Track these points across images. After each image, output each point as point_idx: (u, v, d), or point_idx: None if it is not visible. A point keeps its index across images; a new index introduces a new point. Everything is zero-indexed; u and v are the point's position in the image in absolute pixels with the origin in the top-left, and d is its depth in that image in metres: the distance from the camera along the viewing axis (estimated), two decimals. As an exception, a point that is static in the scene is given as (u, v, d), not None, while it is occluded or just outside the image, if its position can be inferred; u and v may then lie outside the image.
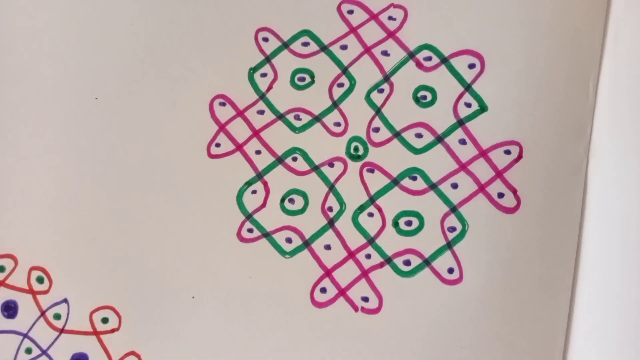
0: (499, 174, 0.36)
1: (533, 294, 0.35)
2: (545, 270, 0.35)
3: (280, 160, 0.37)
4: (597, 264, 0.35)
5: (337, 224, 0.36)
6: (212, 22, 0.37)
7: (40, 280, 0.37)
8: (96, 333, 0.36)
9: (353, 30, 0.37)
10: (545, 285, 0.35)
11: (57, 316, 0.36)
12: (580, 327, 0.35)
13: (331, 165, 0.37)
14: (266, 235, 0.36)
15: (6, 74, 0.37)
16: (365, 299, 0.36)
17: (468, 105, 0.36)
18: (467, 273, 0.35)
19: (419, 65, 0.36)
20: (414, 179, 0.36)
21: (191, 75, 0.37)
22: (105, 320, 0.36)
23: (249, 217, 0.37)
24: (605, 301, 0.34)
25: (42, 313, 0.37)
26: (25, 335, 0.36)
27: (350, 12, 0.37)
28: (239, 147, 0.37)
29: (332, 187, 0.36)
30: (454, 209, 0.36)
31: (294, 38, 0.37)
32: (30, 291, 0.37)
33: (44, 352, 0.36)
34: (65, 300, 0.37)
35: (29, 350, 0.36)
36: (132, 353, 0.36)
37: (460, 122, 0.36)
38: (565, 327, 0.35)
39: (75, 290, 0.37)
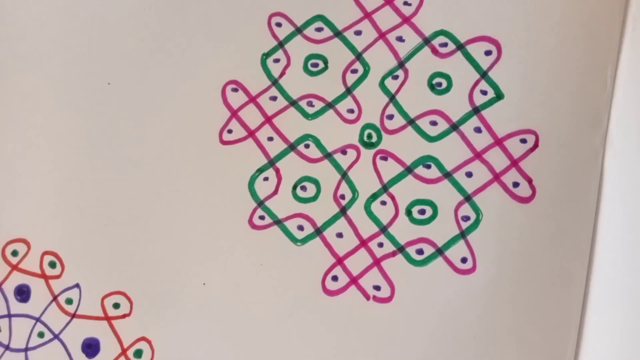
0: (515, 163, 0.35)
1: (546, 285, 0.35)
2: (559, 261, 0.35)
3: (292, 147, 0.36)
4: (612, 256, 0.34)
5: (349, 212, 0.36)
6: (224, 7, 0.36)
7: (52, 265, 0.37)
8: (107, 318, 0.36)
9: (367, 15, 0.36)
10: (559, 277, 0.35)
11: (69, 301, 0.37)
12: (593, 320, 0.34)
13: (344, 152, 0.36)
14: (278, 222, 0.36)
15: (18, 61, 0.37)
16: (377, 288, 0.36)
17: (484, 92, 0.35)
18: (480, 263, 0.35)
19: (434, 51, 0.36)
20: (428, 167, 0.36)
21: (203, 61, 0.36)
22: (116, 306, 0.36)
23: (260, 204, 0.36)
24: (620, 294, 0.34)
25: (55, 298, 0.37)
26: (38, 319, 0.37)
27: (365, -4, 0.36)
28: (251, 134, 0.37)
29: (344, 175, 0.36)
30: (468, 198, 0.35)
31: (308, 23, 0.36)
32: (43, 276, 0.37)
33: (56, 336, 0.37)
34: (77, 285, 0.37)
35: (41, 334, 0.37)
36: (143, 338, 0.36)
37: (476, 110, 0.36)
38: (578, 320, 0.35)
39: (87, 275, 0.37)
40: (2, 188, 0.37)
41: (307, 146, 0.36)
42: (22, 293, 0.37)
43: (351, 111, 0.36)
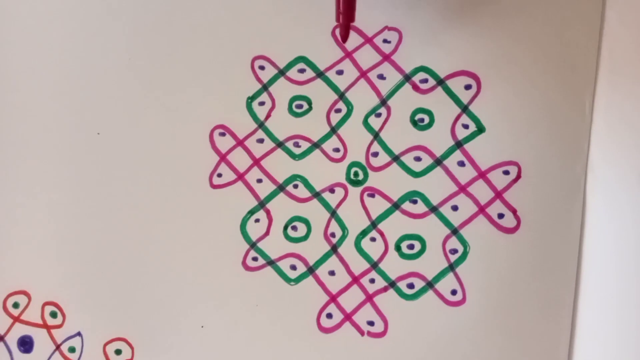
0: (499, 195, 0.36)
1: (535, 312, 0.36)
2: (547, 289, 0.36)
3: (281, 187, 0.37)
4: (598, 282, 0.35)
5: (340, 250, 0.37)
6: (208, 53, 0.37)
7: (53, 314, 0.38)
8: (110, 364, 0.37)
9: (348, 54, 0.37)
10: (547, 304, 0.36)
11: (72, 349, 0.38)
12: (582, 346, 0.35)
13: (332, 191, 0.37)
14: (271, 263, 0.37)
15: (10, 111, 0.37)
16: (371, 323, 0.37)
17: (465, 126, 0.36)
18: (470, 294, 0.36)
19: (415, 87, 0.37)
20: (415, 202, 0.37)
21: (190, 107, 0.37)
22: (118, 352, 0.37)
23: (253, 245, 0.37)
24: (607, 319, 0.35)
25: (57, 347, 0.38)
26: (42, 368, 0.38)
27: (345, 36, 0.37)
28: (241, 177, 0.37)
29: (333, 213, 0.37)
30: (455, 231, 0.36)
31: (290, 65, 0.37)
32: (45, 326, 0.38)
33: (61, 384, 0.38)
34: (79, 334, 0.38)
35: (46, 383, 0.38)
36: (146, 382, 0.37)
37: (459, 144, 0.36)
38: (567, 345, 0.36)
39: (88, 323, 0.38)
40: (1, 241, 0.38)
41: (295, 186, 0.37)
42: (25, 344, 0.38)
43: (337, 150, 0.37)
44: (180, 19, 0.37)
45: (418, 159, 0.36)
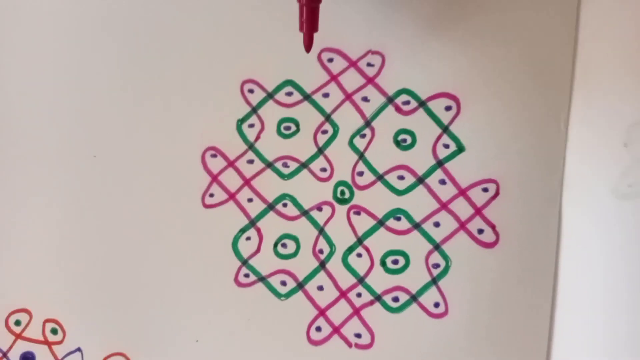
0: (478, 211, 0.38)
1: (514, 322, 0.37)
2: (525, 299, 0.37)
3: (271, 206, 0.39)
4: (573, 291, 0.37)
5: (328, 266, 0.39)
6: (199, 77, 0.38)
7: (54, 331, 0.39)
8: (109, 378, 0.39)
9: (334, 78, 0.39)
10: (526, 314, 0.37)
11: (73, 364, 0.39)
12: (560, 354, 0.37)
13: (320, 209, 0.39)
14: (262, 279, 0.39)
15: (7, 134, 0.39)
16: (358, 335, 0.38)
17: (446, 146, 0.38)
18: (452, 306, 0.38)
19: (398, 109, 0.38)
20: (398, 219, 0.38)
21: (182, 129, 0.39)
22: (117, 366, 0.39)
23: (244, 262, 0.39)
24: (583, 328, 0.36)
25: (58, 362, 0.39)
26: (44, 383, 0.39)
27: (330, 60, 0.38)
28: (232, 197, 0.39)
29: (321, 231, 0.39)
30: (437, 247, 0.38)
31: (278, 88, 0.39)
32: (46, 342, 0.39)
33: (62, 397, 0.39)
34: (79, 349, 0.39)
35: (48, 397, 0.39)
36: (144, 395, 0.39)
37: (440, 163, 0.38)
38: (545, 354, 0.37)
39: (88, 339, 0.39)
40: (2, 260, 0.39)
41: (285, 205, 0.39)
42: (28, 360, 0.39)
43: (324, 170, 0.39)
44: (171, 45, 0.38)
45: (401, 177, 0.38)
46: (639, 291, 0.36)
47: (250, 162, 0.39)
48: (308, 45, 0.33)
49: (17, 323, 0.39)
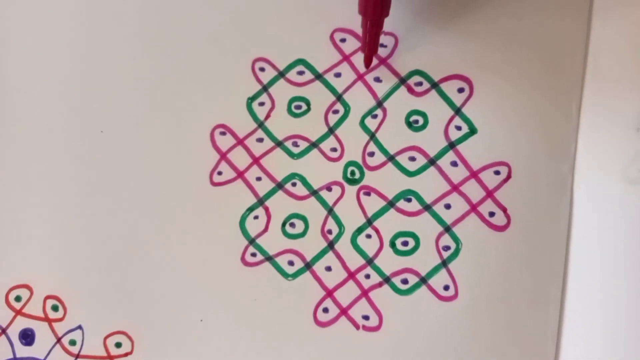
0: (490, 194, 0.37)
1: (524, 306, 0.37)
2: (535, 284, 0.37)
3: (280, 186, 0.38)
4: (584, 277, 0.37)
5: (336, 246, 0.38)
6: (210, 55, 0.38)
7: (55, 308, 0.38)
8: (110, 357, 0.38)
9: (346, 58, 0.38)
10: (535, 298, 0.37)
11: (73, 342, 0.38)
12: (569, 338, 0.37)
13: (329, 189, 0.38)
14: (269, 259, 0.38)
15: (16, 112, 0.38)
16: (366, 318, 0.38)
17: (458, 128, 0.38)
18: (462, 290, 0.37)
19: (410, 90, 0.38)
20: (409, 200, 0.38)
21: (192, 107, 0.38)
22: (118, 345, 0.38)
23: (252, 241, 0.38)
24: (593, 312, 0.36)
25: (58, 340, 0.38)
26: (43, 361, 0.38)
27: (343, 40, 0.38)
28: (240, 175, 0.38)
29: (330, 211, 0.38)
30: (447, 229, 0.38)
31: (290, 67, 0.38)
32: (46, 319, 0.38)
33: (62, 376, 0.38)
34: (79, 327, 0.38)
35: (47, 376, 0.38)
36: (146, 375, 0.38)
37: (451, 145, 0.38)
38: (555, 338, 0.37)
39: (89, 316, 0.38)
40: (3, 235, 0.38)
41: (294, 184, 0.38)
42: (27, 337, 0.38)
43: (334, 150, 0.38)
44: (183, 23, 0.38)
45: (412, 159, 0.38)
46: (650, 276, 0.36)
47: (260, 140, 0.38)
48: (368, 65, 0.37)
49: (18, 299, 0.38)
